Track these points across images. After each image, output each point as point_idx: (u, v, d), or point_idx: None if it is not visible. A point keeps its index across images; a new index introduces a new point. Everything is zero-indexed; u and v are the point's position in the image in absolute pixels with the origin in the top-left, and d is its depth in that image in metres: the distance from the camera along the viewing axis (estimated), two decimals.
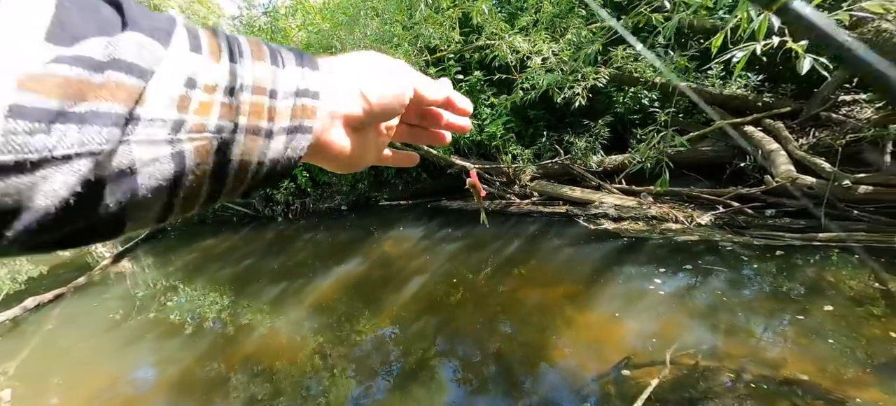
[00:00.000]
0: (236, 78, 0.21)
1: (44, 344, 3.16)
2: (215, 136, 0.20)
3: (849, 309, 1.76)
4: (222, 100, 0.21)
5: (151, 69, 0.18)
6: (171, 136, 0.18)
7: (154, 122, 0.18)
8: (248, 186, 0.24)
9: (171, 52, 0.19)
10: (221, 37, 0.22)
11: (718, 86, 3.15)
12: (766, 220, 2.63)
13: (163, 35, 0.19)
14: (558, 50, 2.49)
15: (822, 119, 2.91)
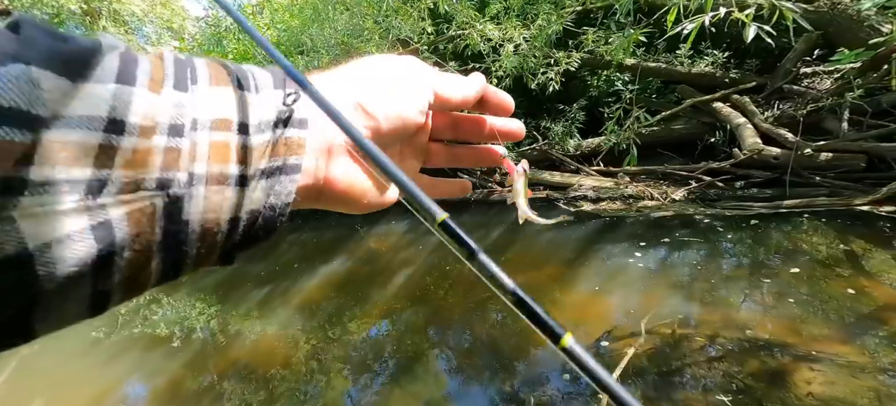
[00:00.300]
0: (185, 111, 0.16)
1: (22, 367, 3.06)
2: (157, 195, 0.16)
3: (814, 270, 1.87)
4: (166, 144, 0.16)
5: (46, 114, 0.13)
6: (86, 202, 0.14)
7: (52, 186, 0.13)
8: (223, 250, 0.19)
9: (85, 87, 0.14)
10: (168, 61, 0.18)
11: (687, 65, 3.24)
12: (736, 192, 2.74)
13: (74, 65, 0.14)
14: (530, 36, 2.51)
15: (786, 92, 3.04)
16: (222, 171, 0.17)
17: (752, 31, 1.12)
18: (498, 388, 1.57)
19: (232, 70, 0.20)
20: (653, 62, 3.19)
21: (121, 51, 0.16)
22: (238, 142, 0.18)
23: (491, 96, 0.29)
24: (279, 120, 0.20)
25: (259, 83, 0.20)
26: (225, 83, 0.19)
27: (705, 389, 1.35)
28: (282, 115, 0.20)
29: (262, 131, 0.19)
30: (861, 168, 2.45)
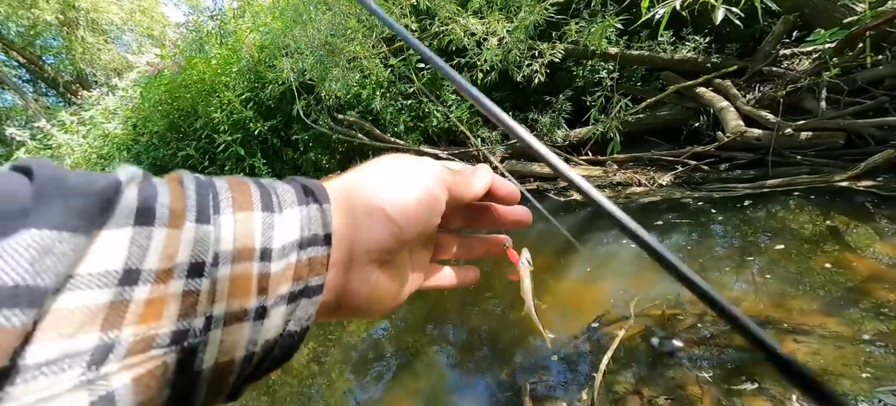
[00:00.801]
0: (208, 247, 0.15)
1: None
2: (171, 351, 0.14)
3: (800, 246, 1.91)
4: (184, 287, 0.14)
5: (53, 284, 0.12)
6: (87, 376, 0.12)
7: (50, 366, 0.11)
8: (233, 389, 0.17)
9: (101, 238, 0.13)
10: (189, 188, 0.16)
11: (669, 51, 3.28)
12: (720, 174, 2.78)
13: (90, 215, 0.13)
14: (512, 28, 2.52)
15: (766, 74, 3.09)
16: (242, 306, 0.16)
17: (721, 14, 1.14)
18: (497, 379, 1.58)
19: (255, 189, 0.19)
20: (635, 50, 3.22)
21: (139, 181, 0.15)
22: (259, 270, 0.17)
23: (498, 188, 0.29)
24: (303, 240, 0.19)
25: (282, 200, 0.19)
26: (248, 207, 0.18)
27: (696, 367, 1.37)
28: (306, 233, 0.19)
29: (286, 255, 0.18)
30: (840, 145, 2.51)
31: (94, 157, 5.57)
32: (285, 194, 0.20)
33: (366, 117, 3.98)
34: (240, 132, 4.39)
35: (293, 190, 0.20)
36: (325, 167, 4.37)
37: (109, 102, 5.71)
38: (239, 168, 4.54)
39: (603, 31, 1.99)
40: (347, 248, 0.21)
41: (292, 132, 4.42)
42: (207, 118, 4.39)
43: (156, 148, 4.85)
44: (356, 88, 3.60)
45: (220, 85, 4.38)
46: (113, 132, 5.25)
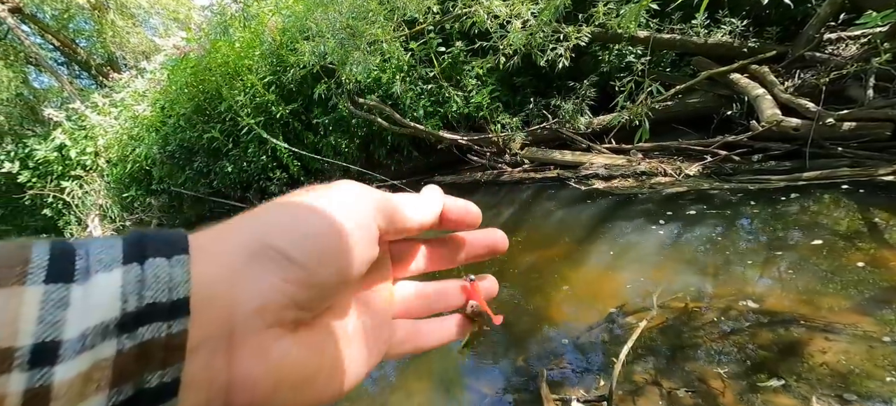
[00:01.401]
0: None
1: None
2: None
3: (834, 243, 1.83)
4: None
5: None
6: None
7: None
8: None
9: None
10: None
11: (703, 35, 3.12)
12: (752, 165, 2.67)
13: None
14: (537, 10, 2.44)
15: (808, 59, 2.91)
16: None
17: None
18: (511, 364, 1.61)
19: (37, 252, 0.12)
20: (667, 34, 3.08)
21: None
22: (26, 385, 0.10)
23: (450, 210, 0.25)
24: (128, 317, 0.12)
25: (93, 261, 0.13)
26: (13, 279, 0.11)
27: (718, 362, 1.36)
28: (133, 304, 0.12)
29: (90, 347, 0.12)
30: (886, 137, 2.35)
31: (125, 138, 5.82)
32: (101, 252, 0.13)
33: (385, 101, 3.98)
34: (262, 115, 4.48)
35: (119, 244, 0.14)
36: (344, 151, 4.43)
37: (139, 85, 5.91)
38: (261, 151, 4.66)
39: (636, 14, 1.90)
40: (225, 315, 0.15)
41: (313, 116, 4.48)
42: (231, 101, 4.49)
43: (183, 130, 5.01)
44: (376, 72, 3.60)
45: (243, 68, 4.46)
46: (142, 114, 5.45)
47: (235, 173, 4.95)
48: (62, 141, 6.53)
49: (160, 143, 5.26)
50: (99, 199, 6.56)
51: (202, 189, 5.41)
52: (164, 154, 5.27)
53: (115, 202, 6.40)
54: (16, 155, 7.08)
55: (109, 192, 6.43)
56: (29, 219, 7.73)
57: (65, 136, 6.57)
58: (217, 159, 5.04)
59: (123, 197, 6.15)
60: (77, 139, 6.56)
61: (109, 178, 6.37)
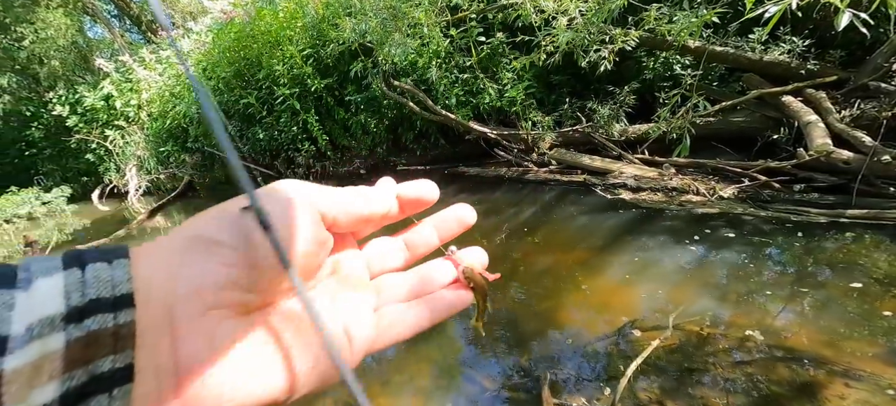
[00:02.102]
0: None
1: None
2: None
3: (868, 287, 1.73)
4: None
5: None
6: None
7: None
8: None
9: None
10: None
11: (759, 51, 2.95)
12: (793, 195, 2.53)
13: None
14: (585, 9, 2.37)
15: (871, 89, 2.71)
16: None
17: (846, 19, 1.00)
18: (514, 362, 1.62)
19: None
20: (719, 46, 2.93)
21: None
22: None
23: (405, 195, 0.26)
24: (72, 310, 0.14)
25: (35, 270, 0.14)
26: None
27: (727, 390, 1.33)
28: (77, 299, 0.14)
29: (39, 336, 0.13)
30: None
31: (167, 95, 6.08)
32: (42, 264, 0.14)
33: (419, 86, 3.99)
34: (298, 87, 4.58)
35: (58, 258, 0.15)
36: (372, 131, 4.48)
37: (184, 45, 6.13)
38: (293, 122, 4.78)
39: (697, 26, 1.81)
40: (165, 303, 0.16)
41: (346, 92, 4.54)
42: (270, 70, 4.60)
43: (221, 93, 5.19)
44: (413, 56, 3.60)
45: (284, 38, 4.56)
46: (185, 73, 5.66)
47: (266, 141, 5.10)
48: (110, 91, 6.89)
49: (198, 103, 5.47)
50: (138, 150, 6.92)
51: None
52: (201, 114, 5.49)
53: (152, 155, 6.74)
54: (66, 99, 7.53)
55: (148, 144, 6.77)
56: (73, 161, 8.25)
57: (112, 86, 6.93)
58: (250, 125, 5.21)
59: (160, 151, 6.47)
60: (123, 91, 6.90)
61: (149, 132, 6.69)
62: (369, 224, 0.25)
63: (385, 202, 0.25)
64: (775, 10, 1.12)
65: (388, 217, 0.26)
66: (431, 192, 0.27)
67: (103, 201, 7.45)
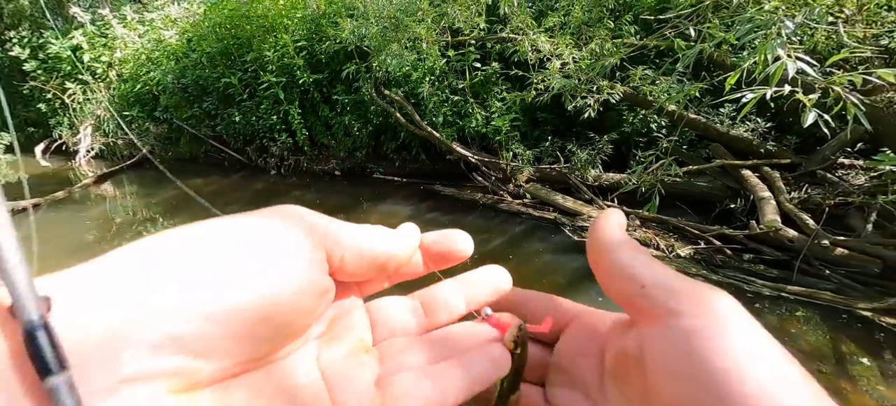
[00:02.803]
0: None
1: None
2: None
3: (800, 361, 1.84)
4: None
5: None
6: None
7: None
8: None
9: None
10: None
11: (726, 125, 3.19)
12: (742, 264, 2.71)
13: None
14: (579, 57, 2.49)
15: (818, 177, 2.99)
16: None
17: (812, 117, 1.11)
18: None
19: None
20: (693, 113, 3.15)
21: None
22: None
23: (433, 245, 0.22)
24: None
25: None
26: None
27: None
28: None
29: None
30: (874, 273, 2.41)
31: (143, 58, 5.76)
32: None
33: (409, 99, 4.00)
34: (285, 76, 4.47)
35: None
36: (355, 134, 4.42)
37: (173, 11, 5.87)
38: (274, 110, 4.64)
39: (680, 97, 1.94)
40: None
41: (335, 91, 4.48)
42: (259, 54, 4.48)
43: (203, 67, 4.98)
44: (408, 68, 3.62)
45: (280, 26, 4.47)
46: (168, 40, 5.40)
47: (242, 124, 4.91)
48: (80, 42, 6.44)
49: (177, 73, 5.21)
50: (98, 109, 6.45)
51: (204, 130, 5.35)
52: (176, 85, 5.22)
53: (114, 117, 6.30)
54: (28, 42, 6.96)
55: (112, 105, 6.33)
56: (22, 109, 7.56)
57: (84, 38, 6.48)
58: (228, 106, 5.00)
59: (123, 115, 6.06)
60: (95, 45, 6.47)
61: (115, 92, 6.28)
62: (383, 272, 0.21)
63: (408, 246, 0.21)
64: (751, 97, 1.22)
65: (407, 268, 0.22)
66: (465, 245, 0.24)
67: (47, 157, 6.83)
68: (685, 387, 0.17)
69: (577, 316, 0.26)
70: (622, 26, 2.91)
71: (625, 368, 0.21)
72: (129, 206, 4.45)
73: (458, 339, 0.22)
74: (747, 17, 1.35)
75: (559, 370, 0.24)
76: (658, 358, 0.19)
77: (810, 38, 1.95)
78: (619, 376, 0.21)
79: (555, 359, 0.25)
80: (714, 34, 1.67)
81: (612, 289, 0.22)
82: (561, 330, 0.25)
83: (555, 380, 0.24)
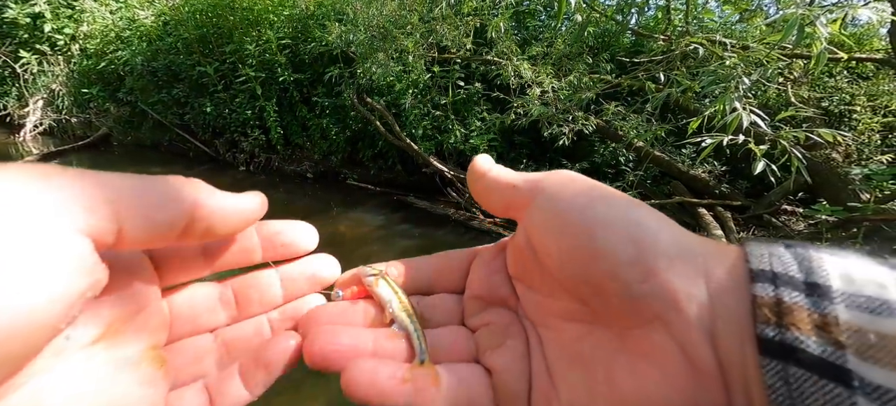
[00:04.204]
0: None
1: None
2: None
3: None
4: None
5: None
6: None
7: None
8: None
9: None
10: None
11: (687, 164, 3.42)
12: None
13: None
14: (558, 87, 2.60)
15: (764, 220, 3.24)
16: None
17: (761, 166, 1.22)
18: None
19: None
20: (658, 151, 3.35)
21: None
22: None
23: (274, 234, 0.21)
24: None
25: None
26: None
27: None
28: None
29: None
30: None
31: (112, 35, 5.45)
32: None
33: (390, 109, 4.00)
34: (265, 72, 4.36)
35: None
36: (332, 138, 4.36)
37: None
38: (250, 105, 4.49)
39: (648, 136, 2.07)
40: None
41: (315, 93, 4.41)
42: (240, 46, 4.35)
43: (177, 53, 4.78)
44: (392, 79, 3.63)
45: (265, 21, 4.38)
46: (142, 20, 5.15)
47: (213, 116, 4.72)
48: (42, 10, 6.01)
49: (148, 55, 4.96)
50: (54, 83, 6.00)
51: (171, 117, 5.09)
52: (146, 68, 4.96)
53: (71, 93, 5.87)
54: None
55: (70, 81, 5.91)
56: None
57: (48, 7, 6.06)
58: (200, 95, 4.80)
59: (82, 92, 5.67)
60: (60, 15, 6.06)
61: (76, 67, 5.87)
62: (190, 241, 0.17)
63: (239, 214, 0.18)
64: (710, 142, 1.33)
65: (239, 254, 0.19)
66: (308, 239, 0.22)
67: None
68: (563, 237, 0.20)
69: (477, 253, 0.29)
70: (599, 63, 3.08)
71: (522, 264, 0.24)
72: None
73: (254, 335, 0.21)
74: (711, 69, 1.47)
75: (474, 299, 0.26)
76: (537, 230, 0.22)
77: (763, 94, 2.14)
78: (521, 273, 0.24)
79: (467, 293, 0.27)
80: (681, 81, 1.81)
81: (493, 203, 0.26)
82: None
83: (472, 309, 0.26)
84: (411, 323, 0.23)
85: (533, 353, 0.23)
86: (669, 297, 0.17)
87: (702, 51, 1.62)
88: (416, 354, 0.22)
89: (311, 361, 0.21)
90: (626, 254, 0.18)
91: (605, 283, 0.19)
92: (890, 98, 2.66)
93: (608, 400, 0.19)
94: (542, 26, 4.07)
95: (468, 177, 0.27)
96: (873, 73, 2.81)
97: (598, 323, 0.20)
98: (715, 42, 1.61)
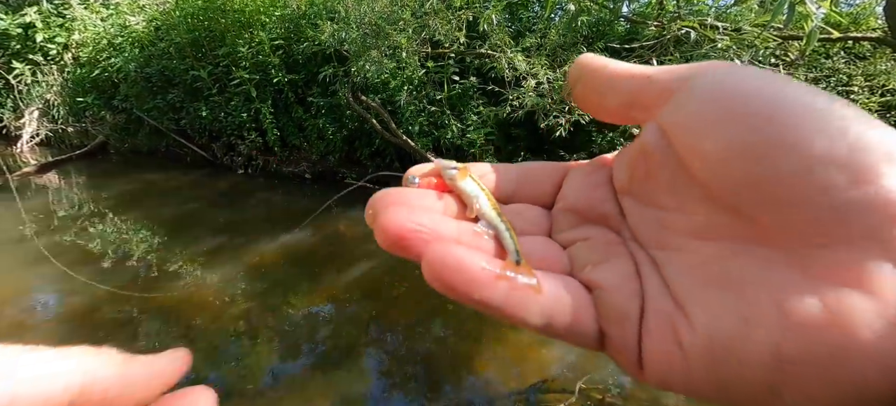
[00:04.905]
0: None
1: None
2: None
3: None
4: None
5: None
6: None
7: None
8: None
9: None
10: None
11: None
12: None
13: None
14: (553, 78, 2.57)
15: None
16: None
17: None
18: (421, 402, 1.54)
19: None
20: None
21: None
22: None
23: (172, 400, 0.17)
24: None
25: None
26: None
27: None
28: None
29: None
30: None
31: (104, 43, 5.43)
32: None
33: (386, 106, 3.98)
34: (259, 74, 4.34)
35: None
36: (329, 138, 4.34)
37: None
38: (245, 108, 4.48)
39: None
40: None
41: (310, 93, 4.39)
42: (233, 49, 4.33)
43: (170, 58, 4.76)
44: (387, 76, 3.61)
45: (257, 23, 4.35)
46: (133, 26, 5.13)
47: (209, 120, 4.70)
48: (33, 20, 5.99)
49: (141, 62, 4.94)
50: (49, 93, 5.99)
51: (167, 123, 5.08)
52: (139, 74, 4.94)
53: (66, 103, 5.86)
54: None
55: (64, 90, 5.90)
56: None
57: (39, 16, 6.04)
58: (195, 100, 4.79)
59: (77, 101, 5.66)
60: (51, 25, 6.04)
61: (70, 77, 5.86)
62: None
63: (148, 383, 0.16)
64: None
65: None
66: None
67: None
68: (730, 127, 0.16)
69: (571, 166, 0.25)
70: (594, 52, 3.05)
71: (639, 175, 0.20)
72: (76, 198, 4.11)
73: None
74: (703, 53, 1.44)
75: (567, 212, 0.23)
76: (686, 125, 0.18)
77: None
78: (636, 187, 0.20)
79: (559, 205, 0.24)
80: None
81: (608, 102, 0.21)
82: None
83: (563, 224, 0.23)
84: (502, 221, 0.21)
85: (646, 274, 0.19)
86: (892, 211, 0.13)
87: (693, 34, 1.60)
88: (508, 255, 0.20)
89: (385, 241, 0.19)
90: (832, 150, 0.14)
91: (793, 186, 0.14)
92: (888, 77, 2.62)
93: (781, 327, 0.14)
94: (535, 17, 4.03)
95: (571, 75, 0.23)
96: (870, 53, 2.77)
97: (757, 241, 0.16)
98: (706, 25, 1.58)
